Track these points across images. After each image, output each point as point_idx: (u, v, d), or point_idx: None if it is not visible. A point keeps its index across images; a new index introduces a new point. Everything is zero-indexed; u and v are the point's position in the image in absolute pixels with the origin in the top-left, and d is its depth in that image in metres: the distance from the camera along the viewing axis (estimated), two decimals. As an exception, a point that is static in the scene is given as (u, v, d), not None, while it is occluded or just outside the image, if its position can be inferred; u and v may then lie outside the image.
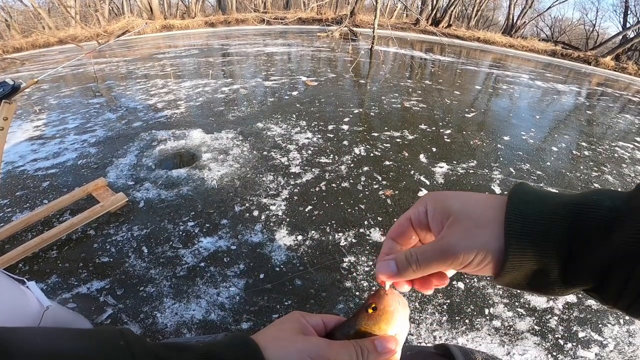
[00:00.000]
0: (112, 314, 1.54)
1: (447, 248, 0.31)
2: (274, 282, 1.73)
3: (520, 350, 1.48)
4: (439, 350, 0.54)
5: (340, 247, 2.01)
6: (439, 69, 7.58)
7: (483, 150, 3.36)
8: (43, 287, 1.64)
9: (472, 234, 0.30)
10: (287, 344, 0.34)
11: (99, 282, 1.69)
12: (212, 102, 4.30)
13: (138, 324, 1.50)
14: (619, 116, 5.40)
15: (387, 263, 0.34)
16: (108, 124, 3.59)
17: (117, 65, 6.56)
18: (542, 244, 0.28)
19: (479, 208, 0.32)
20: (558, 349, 1.49)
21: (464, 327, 1.56)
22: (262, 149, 3.10)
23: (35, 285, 1.16)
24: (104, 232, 2.02)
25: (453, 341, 1.50)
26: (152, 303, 1.60)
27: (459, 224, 0.31)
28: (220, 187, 2.52)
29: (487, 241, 0.30)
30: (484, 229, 0.30)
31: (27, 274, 1.71)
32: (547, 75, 8.54)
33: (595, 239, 0.26)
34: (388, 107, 4.41)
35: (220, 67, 6.39)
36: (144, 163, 2.80)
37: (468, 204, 0.33)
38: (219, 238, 2.02)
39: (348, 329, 0.38)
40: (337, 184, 2.62)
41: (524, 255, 0.28)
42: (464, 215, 0.32)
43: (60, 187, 2.45)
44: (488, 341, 1.51)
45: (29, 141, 3.22)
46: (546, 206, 0.29)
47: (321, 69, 6.39)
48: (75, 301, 1.58)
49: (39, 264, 1.79)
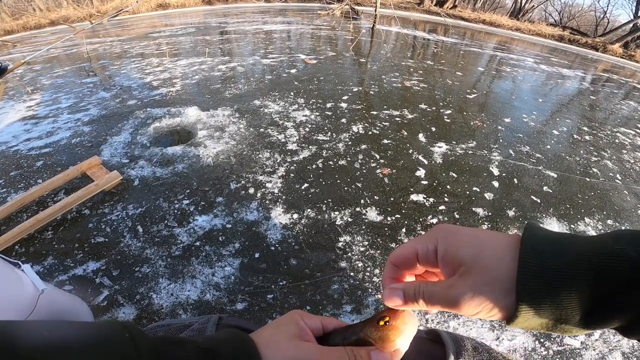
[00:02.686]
0: (108, 295, 1.54)
1: (455, 300, 0.31)
2: (269, 262, 1.74)
3: (509, 336, 1.49)
4: (430, 335, 0.54)
5: (336, 226, 2.00)
6: (441, 49, 7.39)
7: (483, 132, 3.33)
8: (39, 269, 1.64)
9: (482, 291, 0.30)
10: (278, 351, 0.34)
11: (94, 263, 1.69)
12: (209, 79, 4.21)
13: (134, 305, 1.51)
14: (622, 102, 5.32)
15: (396, 293, 0.35)
16: (102, 102, 3.52)
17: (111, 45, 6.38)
18: (561, 301, 0.27)
19: (494, 260, 0.31)
20: (545, 336, 1.51)
21: None
22: (259, 126, 3.06)
23: (30, 268, 1.15)
24: (99, 212, 2.01)
25: (445, 325, 1.51)
26: (148, 284, 1.60)
27: (470, 278, 0.31)
28: (216, 164, 2.50)
29: (496, 299, 0.29)
30: (494, 286, 0.30)
31: (24, 257, 1.71)
32: (553, 60, 8.34)
33: (620, 296, 0.25)
34: (388, 86, 4.34)
35: (218, 45, 6.22)
36: (139, 141, 2.76)
37: (482, 254, 0.31)
38: (214, 216, 2.01)
39: (350, 335, 0.37)
40: (334, 161, 2.60)
41: (539, 310, 0.27)
42: (476, 268, 0.31)
43: (54, 167, 2.42)
44: (479, 325, 1.53)
45: (22, 121, 3.16)
46: (563, 257, 0.27)
47: (321, 47, 6.23)
48: (71, 283, 1.59)
49: (35, 245, 1.78)
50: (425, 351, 0.50)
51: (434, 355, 0.49)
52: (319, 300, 1.58)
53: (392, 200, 2.26)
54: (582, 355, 1.44)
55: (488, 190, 2.45)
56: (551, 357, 1.42)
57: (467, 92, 4.47)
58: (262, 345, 0.34)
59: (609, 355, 1.46)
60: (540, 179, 2.66)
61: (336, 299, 1.58)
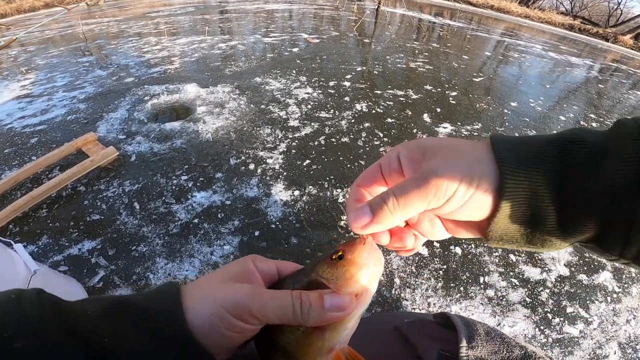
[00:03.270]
0: (104, 276, 1.50)
1: (429, 174, 0.26)
2: (269, 240, 1.70)
3: (510, 322, 1.47)
4: (439, 319, 0.51)
5: (338, 204, 1.96)
6: (448, 33, 7.22)
7: (489, 114, 3.27)
8: (34, 249, 1.60)
9: (455, 160, 0.27)
10: (206, 293, 0.29)
11: (90, 242, 1.64)
12: (208, 57, 4.11)
13: (130, 286, 1.47)
14: (630, 92, 5.25)
15: (361, 208, 0.29)
16: (98, 80, 3.43)
17: (108, 25, 6.21)
18: (535, 176, 0.25)
19: (457, 143, 0.29)
20: (546, 323, 1.49)
21: (458, 295, 1.55)
22: (260, 102, 3.00)
23: (23, 248, 1.11)
24: (95, 188, 1.96)
25: (447, 309, 1.48)
26: (145, 263, 1.56)
27: (439, 154, 0.28)
28: (215, 139, 2.45)
29: (471, 165, 0.26)
30: (468, 156, 0.27)
31: (18, 236, 1.66)
32: (562, 48, 8.16)
33: (586, 170, 0.24)
34: (392, 67, 4.25)
35: (218, 24, 6.07)
36: (136, 117, 2.69)
37: (443, 139, 0.30)
38: (213, 192, 1.96)
39: (301, 277, 0.31)
40: (336, 138, 2.56)
41: (519, 186, 0.25)
42: (443, 146, 0.28)
43: (49, 143, 2.36)
44: (480, 310, 1.50)
45: (16, 100, 3.09)
46: (531, 144, 0.27)
47: (324, 27, 6.08)
48: (66, 264, 1.55)
49: (29, 224, 1.73)
50: (435, 335, 0.48)
51: (443, 340, 0.46)
52: (320, 279, 1.54)
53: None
54: (580, 344, 1.43)
55: (493, 172, 2.40)
56: (550, 345, 1.41)
57: (473, 75, 4.39)
58: (189, 289, 0.29)
59: (606, 344, 1.45)
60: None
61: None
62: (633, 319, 1.57)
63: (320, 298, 0.27)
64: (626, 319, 1.56)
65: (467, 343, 0.42)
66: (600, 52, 9.28)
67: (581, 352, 1.41)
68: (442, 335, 0.47)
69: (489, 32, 8.49)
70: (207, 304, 0.27)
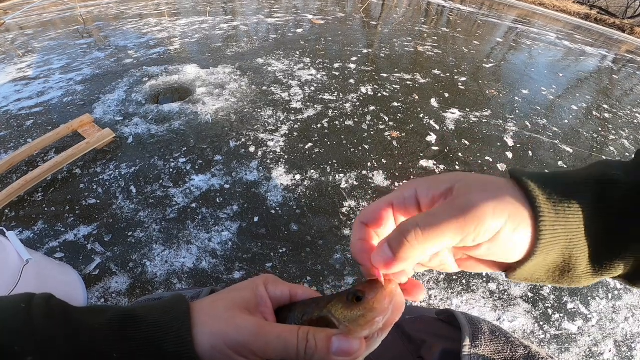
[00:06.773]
0: (101, 263, 1.46)
1: (468, 206, 0.23)
2: (268, 227, 1.65)
3: (510, 317, 1.45)
4: (442, 316, 0.50)
5: (340, 189, 1.91)
6: (457, 17, 6.99)
7: (499, 101, 3.17)
8: (30, 235, 1.56)
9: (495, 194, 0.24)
10: (211, 321, 0.28)
11: (86, 228, 1.60)
12: (209, 38, 3.99)
13: (127, 274, 1.44)
14: (642, 83, 5.05)
15: (381, 249, 0.26)
16: (96, 62, 3.34)
17: (107, 7, 6.07)
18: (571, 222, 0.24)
19: (488, 178, 0.27)
20: (546, 319, 1.46)
21: (459, 288, 1.51)
22: (262, 84, 2.92)
23: (15, 236, 1.07)
24: (91, 171, 1.91)
25: (448, 302, 1.46)
26: (142, 250, 1.52)
27: (475, 187, 0.25)
28: (215, 121, 2.39)
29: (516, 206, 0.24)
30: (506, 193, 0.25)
31: (14, 221, 1.63)
32: (576, 37, 7.89)
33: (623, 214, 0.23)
34: (400, 50, 4.11)
35: (220, 4, 5.90)
36: (134, 98, 2.62)
37: (469, 174, 0.28)
38: (212, 176, 1.91)
39: (312, 310, 0.29)
40: (340, 122, 2.49)
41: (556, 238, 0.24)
42: (475, 180, 0.26)
43: (44, 126, 2.31)
44: (482, 304, 1.47)
45: (12, 82, 3.01)
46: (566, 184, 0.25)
47: (329, 8, 5.90)
48: (62, 250, 1.51)
49: (25, 209, 1.69)
50: (437, 333, 0.47)
51: (446, 338, 0.45)
52: (320, 270, 1.50)
53: (401, 164, 2.16)
54: (577, 341, 1.42)
55: (501, 160, 2.33)
56: (548, 341, 1.39)
57: (483, 61, 4.25)
58: (196, 312, 0.29)
59: (602, 342, 1.43)
60: (556, 153, 2.56)
61: (338, 270, 1.50)
62: (632, 317, 1.54)
63: (327, 340, 0.26)
64: (625, 316, 1.54)
65: (471, 342, 0.41)
66: (615, 42, 8.99)
67: (577, 348, 1.39)
68: (446, 333, 0.46)
69: (500, 18, 8.23)
70: (208, 337, 0.27)
